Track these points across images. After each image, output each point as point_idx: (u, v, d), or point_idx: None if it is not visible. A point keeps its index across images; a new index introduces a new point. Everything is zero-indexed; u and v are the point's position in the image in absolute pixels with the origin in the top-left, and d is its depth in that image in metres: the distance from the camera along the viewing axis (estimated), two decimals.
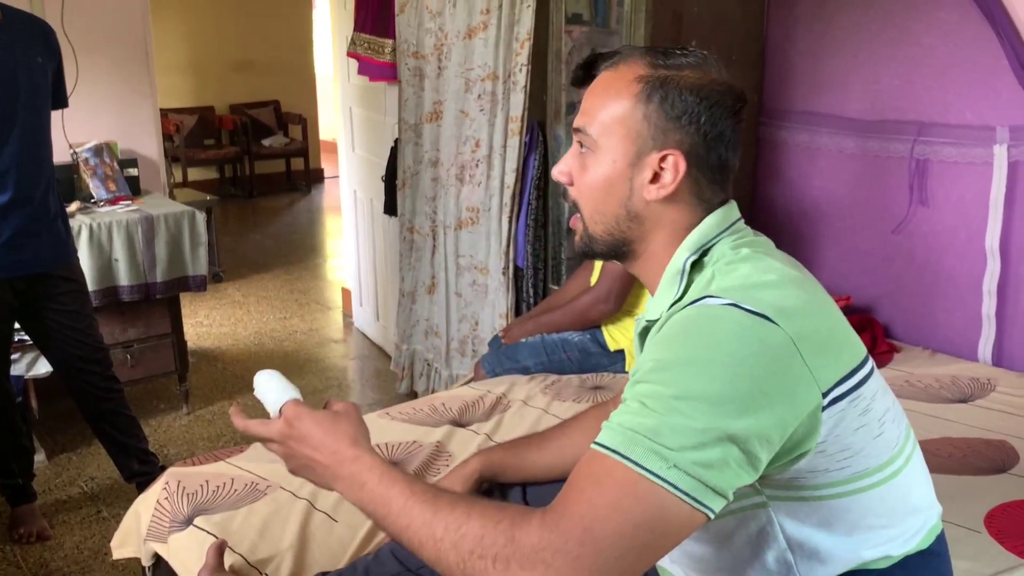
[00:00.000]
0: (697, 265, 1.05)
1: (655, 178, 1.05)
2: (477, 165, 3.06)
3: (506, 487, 1.53)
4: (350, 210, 4.43)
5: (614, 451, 0.90)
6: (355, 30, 3.70)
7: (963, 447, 2.11)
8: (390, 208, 3.68)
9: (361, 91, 4.02)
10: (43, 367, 2.90)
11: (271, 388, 1.14)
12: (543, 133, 3.01)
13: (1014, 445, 2.10)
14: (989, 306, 2.64)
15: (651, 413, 0.90)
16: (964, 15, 2.56)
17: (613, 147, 1.07)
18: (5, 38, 2.31)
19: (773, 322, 0.93)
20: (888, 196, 2.86)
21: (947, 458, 2.04)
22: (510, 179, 2.97)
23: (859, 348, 1.03)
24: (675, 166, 1.04)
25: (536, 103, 2.96)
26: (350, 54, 3.78)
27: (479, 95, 2.99)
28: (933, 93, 2.70)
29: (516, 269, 3.08)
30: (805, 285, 1.02)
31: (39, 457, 2.99)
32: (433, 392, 3.23)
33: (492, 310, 3.09)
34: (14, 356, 2.75)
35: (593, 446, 0.93)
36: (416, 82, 3.27)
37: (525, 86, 2.85)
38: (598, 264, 2.51)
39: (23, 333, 2.64)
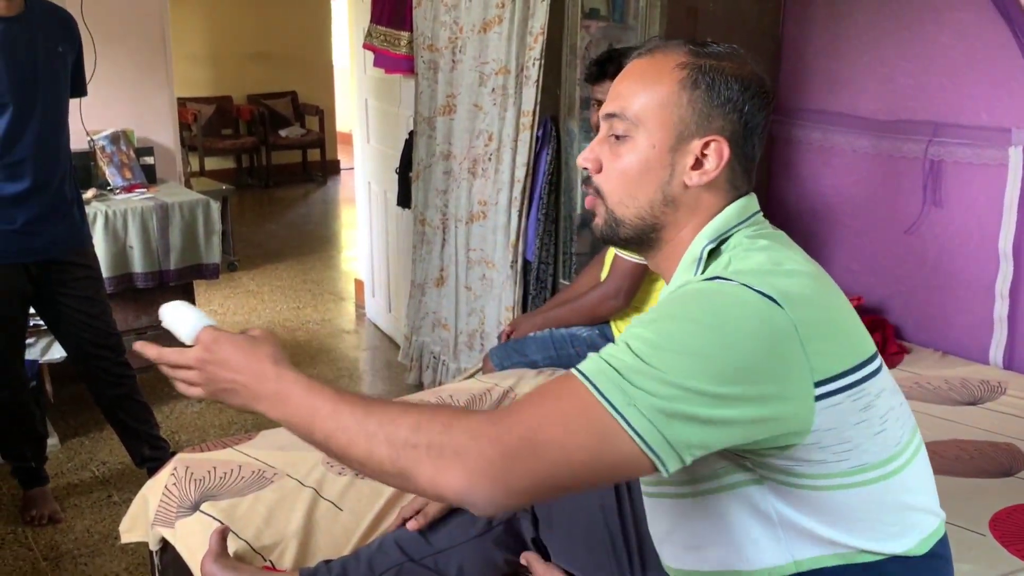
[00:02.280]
0: (714, 253, 1.06)
1: (696, 164, 1.06)
2: (489, 159, 3.07)
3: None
4: (364, 202, 4.45)
5: (584, 375, 0.92)
6: (372, 22, 3.71)
7: (971, 449, 2.10)
8: (403, 200, 3.69)
9: (377, 83, 4.03)
10: (57, 352, 2.93)
11: (184, 317, 1.11)
12: (556, 128, 3.01)
13: (1022, 448, 2.09)
14: (1001, 309, 2.63)
15: (631, 354, 0.92)
16: (980, 15, 2.55)
17: (653, 131, 1.07)
18: (27, 27, 2.33)
19: (778, 304, 0.94)
20: (901, 196, 2.85)
21: (954, 460, 2.03)
22: (520, 173, 2.97)
23: (866, 344, 1.03)
24: (719, 152, 1.05)
25: (550, 97, 2.96)
26: (366, 46, 3.79)
27: (492, 89, 2.99)
28: (948, 93, 2.69)
29: (525, 263, 3.08)
30: (818, 278, 1.03)
31: (52, 441, 3.02)
32: (439, 384, 3.24)
33: (499, 303, 3.10)
34: (29, 341, 2.78)
35: (571, 369, 0.95)
36: (431, 75, 3.28)
37: (537, 80, 2.85)
38: (608, 260, 2.51)
39: (38, 318, 2.67)
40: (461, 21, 3.09)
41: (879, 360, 1.04)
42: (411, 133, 3.51)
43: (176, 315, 1.13)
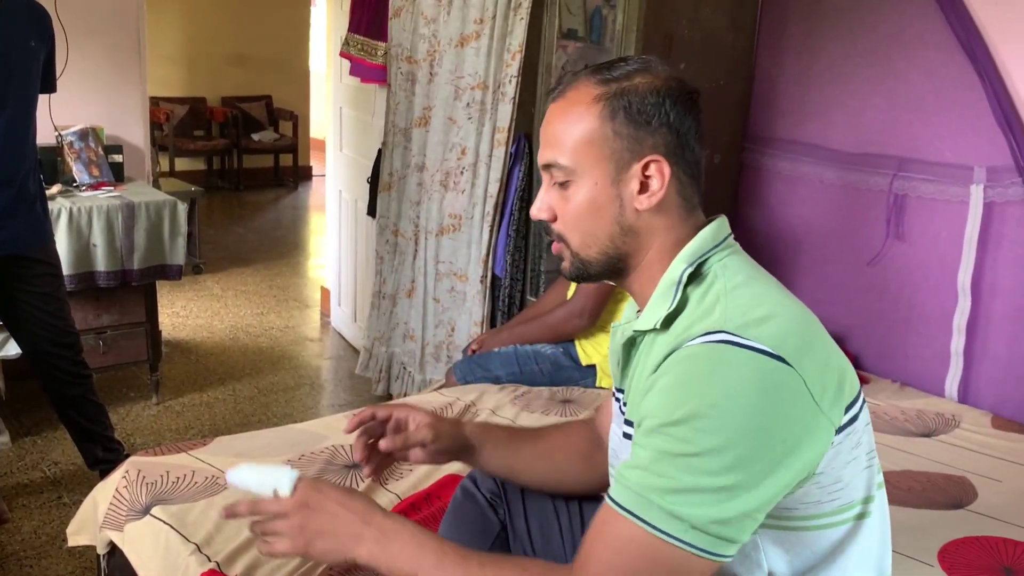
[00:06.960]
0: (693, 277, 1.04)
1: (643, 187, 1.05)
2: (462, 173, 3.07)
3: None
4: (334, 210, 4.43)
5: (631, 513, 0.92)
6: (349, 30, 3.70)
7: (923, 481, 2.13)
8: (374, 210, 3.68)
9: (352, 92, 4.03)
10: (13, 348, 2.88)
11: (268, 473, 1.11)
12: (529, 145, 3.03)
13: (973, 482, 2.12)
14: (958, 343, 2.67)
15: (667, 473, 0.91)
16: (949, 55, 2.60)
17: (590, 170, 1.06)
18: (1, 21, 2.30)
19: (788, 364, 0.93)
20: (865, 228, 2.89)
21: (907, 491, 2.06)
22: (493, 188, 2.98)
23: (856, 379, 1.03)
24: (660, 171, 1.04)
25: (524, 115, 2.98)
26: (343, 54, 3.79)
27: (468, 103, 3.00)
28: (915, 129, 2.74)
29: (494, 278, 3.08)
30: (805, 317, 1.03)
31: (3, 439, 2.97)
32: (405, 396, 3.23)
33: (469, 317, 3.10)
34: None
35: (610, 504, 0.95)
36: (408, 87, 3.28)
37: (514, 97, 2.87)
38: None
39: None
40: (439, 35, 3.10)
41: (863, 393, 1.04)
42: (382, 144, 3.51)
43: (256, 475, 1.12)
